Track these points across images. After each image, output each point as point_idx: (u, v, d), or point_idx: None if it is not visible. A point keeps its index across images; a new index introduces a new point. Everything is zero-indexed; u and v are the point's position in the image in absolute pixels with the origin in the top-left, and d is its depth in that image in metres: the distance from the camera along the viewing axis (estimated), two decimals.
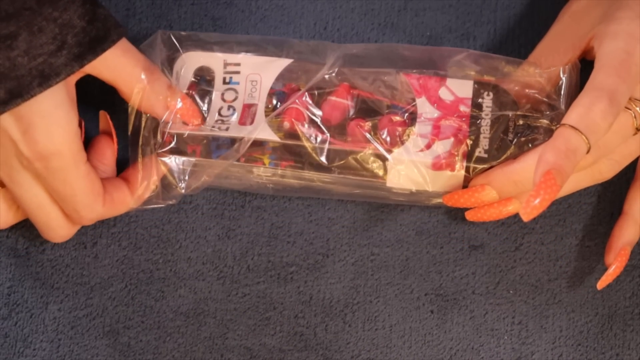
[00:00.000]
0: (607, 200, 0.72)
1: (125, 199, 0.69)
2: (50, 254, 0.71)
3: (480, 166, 0.67)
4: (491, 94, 0.68)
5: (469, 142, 0.68)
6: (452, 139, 0.68)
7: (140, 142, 0.69)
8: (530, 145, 0.67)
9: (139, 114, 0.69)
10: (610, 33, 0.65)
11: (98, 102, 0.72)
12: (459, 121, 0.68)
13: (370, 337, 0.71)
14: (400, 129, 0.68)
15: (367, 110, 0.69)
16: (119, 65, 0.66)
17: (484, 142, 0.68)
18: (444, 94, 0.69)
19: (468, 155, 0.67)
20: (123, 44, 0.66)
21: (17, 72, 0.62)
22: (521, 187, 0.67)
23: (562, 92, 0.67)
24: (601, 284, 0.69)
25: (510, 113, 0.68)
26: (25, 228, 0.72)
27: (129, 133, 0.69)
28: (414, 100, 0.68)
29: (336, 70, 0.69)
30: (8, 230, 0.72)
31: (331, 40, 0.74)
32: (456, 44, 0.74)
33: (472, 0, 0.75)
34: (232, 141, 0.68)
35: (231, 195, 0.72)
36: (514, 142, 0.67)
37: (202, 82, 0.70)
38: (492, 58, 0.69)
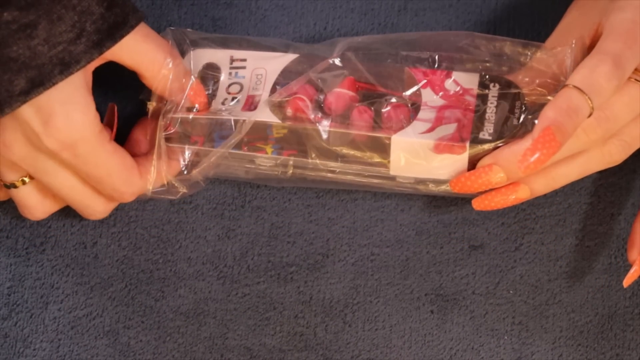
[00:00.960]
0: (607, 200, 0.72)
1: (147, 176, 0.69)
2: (50, 254, 0.71)
3: (484, 146, 0.66)
4: (497, 85, 0.68)
5: (473, 126, 0.66)
6: (455, 124, 0.67)
7: (159, 128, 0.68)
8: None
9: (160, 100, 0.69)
10: (617, 7, 0.65)
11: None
12: (463, 108, 0.67)
13: (370, 337, 0.71)
14: (403, 115, 0.67)
15: (371, 99, 0.68)
16: (140, 51, 0.66)
17: (489, 127, 0.67)
18: (450, 85, 0.68)
19: (472, 138, 0.66)
20: (143, 29, 0.66)
21: (38, 60, 0.62)
22: None
23: (569, 71, 0.67)
24: (627, 282, 0.68)
25: (515, 95, 0.67)
26: (25, 228, 0.72)
27: (148, 117, 0.69)
28: (419, 92, 0.68)
29: (341, 54, 0.68)
30: (8, 231, 0.72)
31: None
32: None
33: (472, 0, 0.75)
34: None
35: (231, 195, 0.72)
36: (520, 121, 0.66)
37: (209, 78, 0.70)
38: (497, 40, 0.69)
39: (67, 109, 0.63)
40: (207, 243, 0.72)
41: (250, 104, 0.69)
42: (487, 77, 0.68)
